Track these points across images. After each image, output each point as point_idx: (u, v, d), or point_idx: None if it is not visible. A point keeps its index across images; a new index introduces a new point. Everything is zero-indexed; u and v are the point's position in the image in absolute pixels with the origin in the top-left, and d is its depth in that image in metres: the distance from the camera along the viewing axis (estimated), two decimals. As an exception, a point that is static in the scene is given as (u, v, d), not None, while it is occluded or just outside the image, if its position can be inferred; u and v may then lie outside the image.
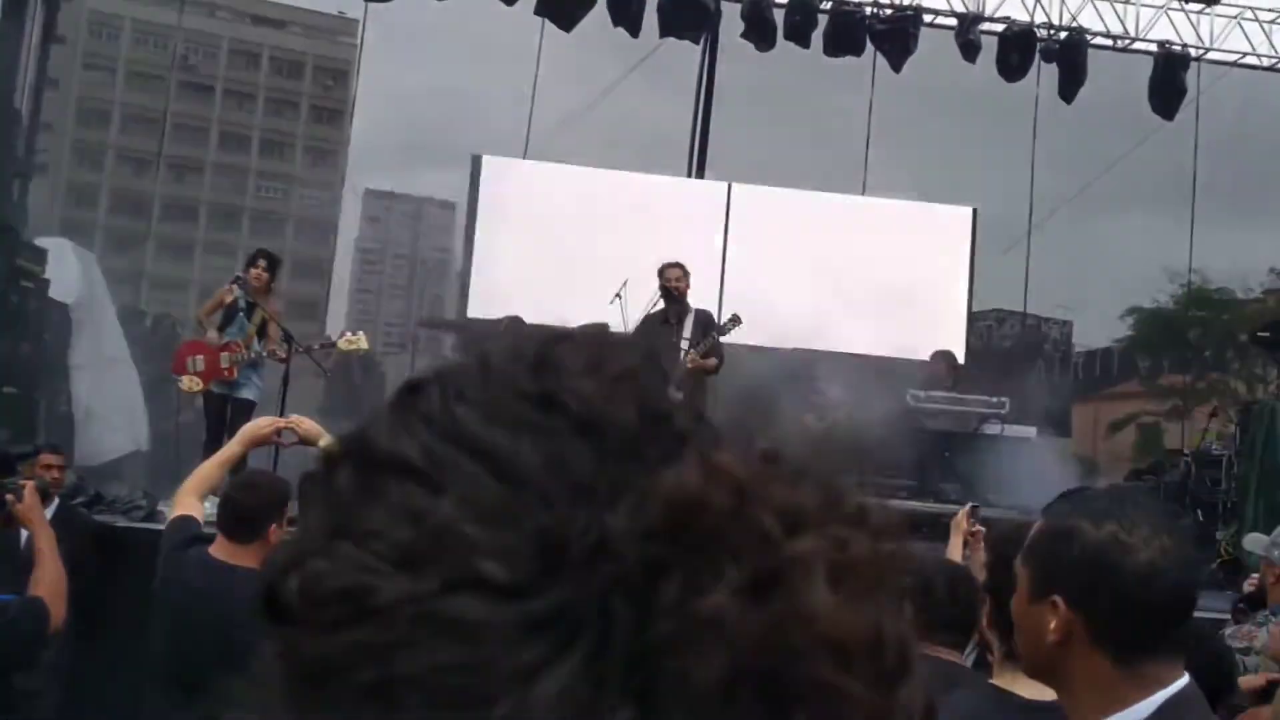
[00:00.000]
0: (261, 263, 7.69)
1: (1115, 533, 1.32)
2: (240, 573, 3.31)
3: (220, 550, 3.38)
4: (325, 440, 3.85)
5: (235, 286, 7.64)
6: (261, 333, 7.52)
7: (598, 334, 0.52)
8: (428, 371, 0.49)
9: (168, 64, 36.77)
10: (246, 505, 3.40)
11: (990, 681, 2.11)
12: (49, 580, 2.96)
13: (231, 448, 3.75)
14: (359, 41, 19.12)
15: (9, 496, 3.08)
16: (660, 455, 0.45)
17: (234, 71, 64.19)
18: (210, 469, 3.64)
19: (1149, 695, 1.29)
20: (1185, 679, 1.32)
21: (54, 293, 7.17)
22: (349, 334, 7.90)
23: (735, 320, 7.40)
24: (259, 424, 3.90)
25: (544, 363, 0.47)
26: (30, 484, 3.19)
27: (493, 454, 0.43)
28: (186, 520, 3.11)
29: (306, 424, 3.95)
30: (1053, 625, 1.33)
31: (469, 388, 0.47)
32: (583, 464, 0.43)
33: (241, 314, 7.55)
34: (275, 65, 67.15)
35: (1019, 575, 1.44)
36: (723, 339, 7.53)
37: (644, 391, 0.47)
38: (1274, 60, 14.17)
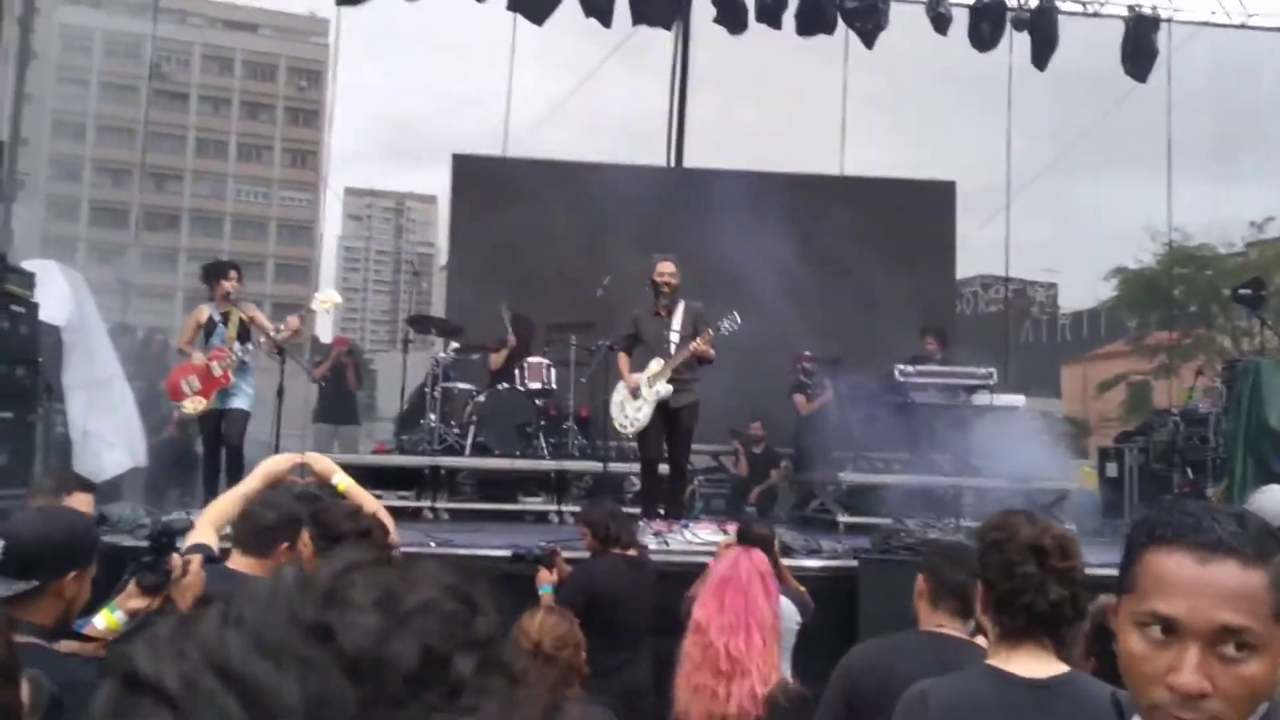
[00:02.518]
0: (234, 274, 7.77)
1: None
2: (245, 579, 3.43)
3: (236, 563, 3.50)
4: (338, 476, 3.93)
5: (205, 306, 7.73)
6: (243, 336, 7.58)
7: (405, 563, 0.49)
8: (221, 591, 0.48)
9: (141, 73, 36.49)
10: (265, 521, 3.51)
11: (986, 662, 2.18)
12: None
13: (250, 482, 3.84)
14: (331, 42, 19.06)
15: (174, 571, 2.88)
16: (434, 703, 0.43)
17: (208, 77, 63.79)
18: (228, 504, 3.72)
19: None
20: None
21: (44, 315, 7.18)
22: (318, 295, 7.95)
23: (734, 321, 7.46)
24: (277, 460, 4.00)
25: (332, 593, 0.45)
26: (198, 558, 2.98)
27: (251, 688, 0.42)
28: (201, 546, 3.19)
29: (321, 462, 4.06)
30: None
31: (249, 611, 0.45)
32: (345, 707, 0.42)
33: (219, 325, 7.61)
34: (249, 69, 66.77)
35: (1270, 642, 1.21)
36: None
37: (433, 630, 0.45)
38: (1243, 18, 14.27)
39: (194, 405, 7.47)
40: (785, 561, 5.52)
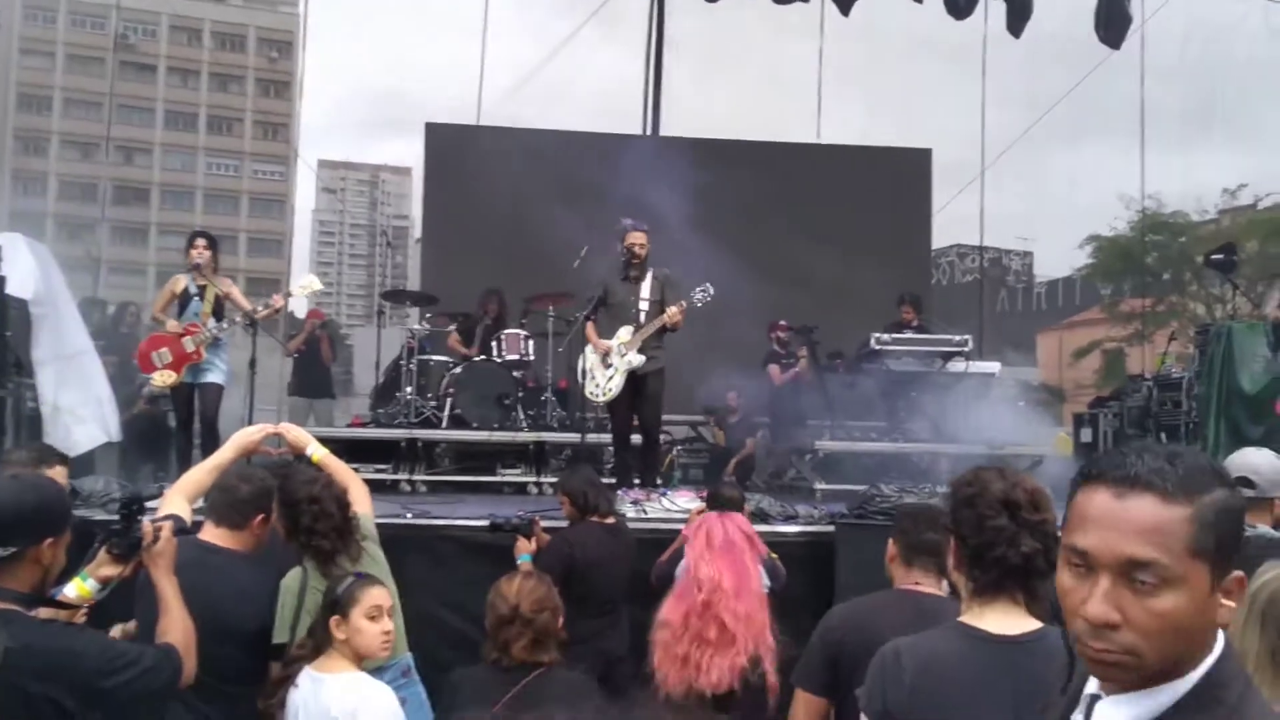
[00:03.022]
0: (201, 242, 7.64)
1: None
2: (229, 554, 3.46)
3: (209, 535, 3.49)
4: (312, 447, 3.91)
5: (182, 275, 7.63)
6: (218, 312, 7.50)
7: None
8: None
9: (107, 45, 36.01)
10: (240, 494, 3.51)
11: (959, 620, 2.19)
12: (179, 629, 2.84)
13: (223, 453, 3.84)
14: (302, 11, 18.80)
15: (145, 538, 2.86)
16: None
17: (175, 48, 62.88)
18: (201, 475, 3.71)
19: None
20: (1223, 637, 1.29)
21: (11, 289, 7.08)
22: (300, 279, 7.89)
23: (706, 291, 7.46)
24: (249, 432, 3.99)
25: None
26: (169, 524, 2.95)
27: None
28: (173, 517, 3.16)
29: (295, 432, 4.04)
30: (1234, 602, 1.25)
31: None
32: None
33: (195, 298, 7.52)
34: (217, 39, 65.84)
35: (1185, 577, 1.22)
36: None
37: None
38: (1217, -17, 14.31)
39: (163, 379, 7.39)
40: (762, 528, 5.53)
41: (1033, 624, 2.12)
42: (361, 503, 3.74)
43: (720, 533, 3.21)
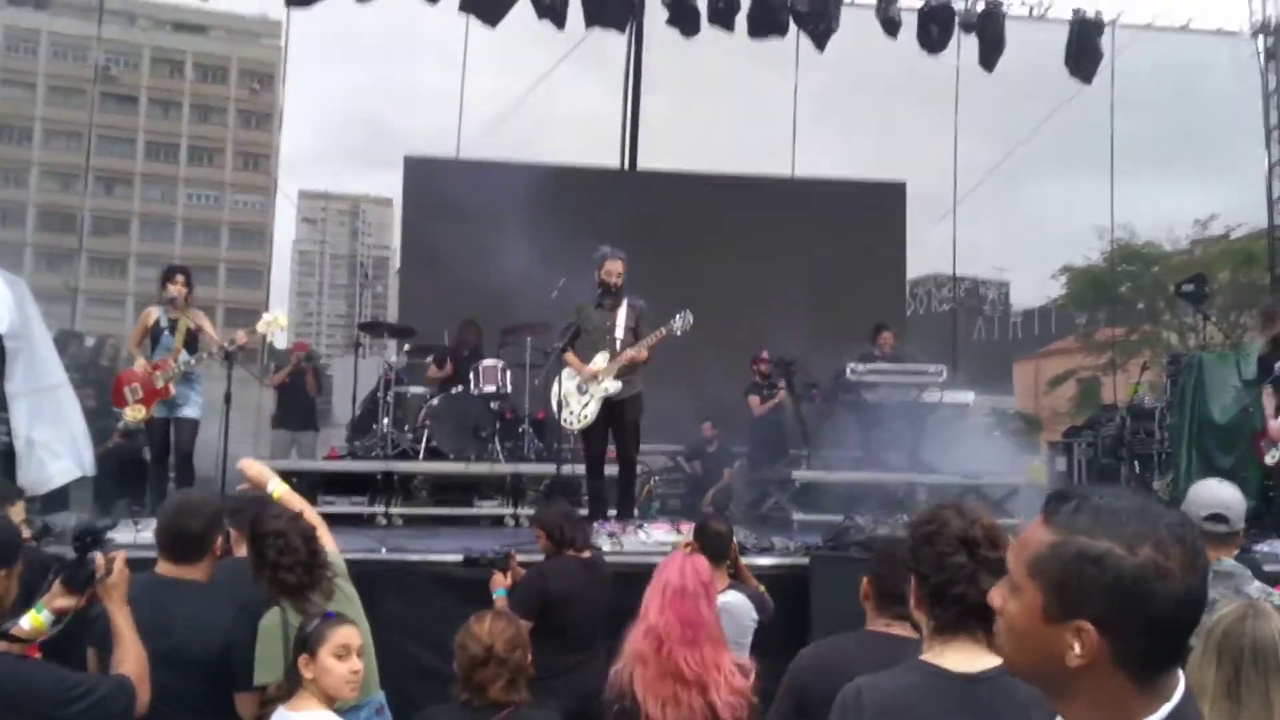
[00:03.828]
0: (180, 278, 7.67)
1: (1153, 560, 1.25)
2: (181, 584, 3.47)
3: (162, 567, 3.51)
4: (273, 484, 3.92)
5: (155, 308, 7.64)
6: (191, 346, 7.50)
7: None
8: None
9: (89, 76, 36.01)
10: (192, 530, 3.52)
11: (920, 658, 2.21)
12: (133, 659, 2.87)
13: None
14: (283, 44, 18.88)
15: (98, 570, 2.90)
16: None
17: (157, 80, 62.85)
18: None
19: (1157, 709, 1.28)
20: (1183, 685, 1.31)
21: (-15, 323, 7.07)
22: (265, 315, 7.85)
23: (686, 320, 7.49)
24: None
25: None
26: (121, 555, 2.98)
27: None
28: (122, 549, 3.19)
29: (254, 468, 4.04)
30: (1078, 649, 1.27)
31: None
32: None
33: (165, 332, 7.54)
34: (199, 71, 65.87)
35: (1022, 590, 1.34)
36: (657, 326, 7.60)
37: None
38: (1184, 21, 14.56)
39: (134, 414, 7.40)
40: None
41: (993, 660, 2.13)
42: (325, 541, 3.75)
43: (676, 579, 3.21)
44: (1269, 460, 8.10)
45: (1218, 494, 3.99)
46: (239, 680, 3.36)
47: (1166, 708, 1.28)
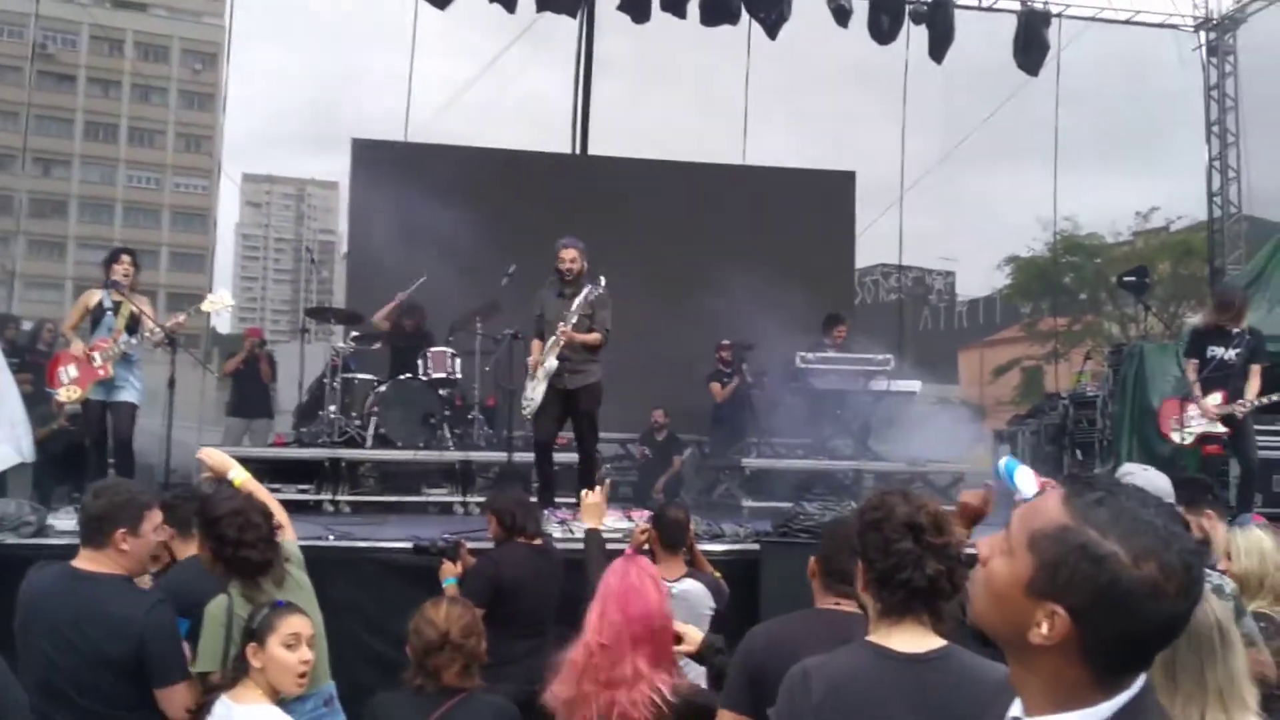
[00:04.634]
0: (126, 259, 7.50)
1: (1153, 579, 1.24)
2: (100, 579, 3.36)
3: (79, 559, 3.43)
4: (234, 471, 3.87)
5: (97, 290, 7.48)
6: (132, 328, 7.34)
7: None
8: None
9: (25, 54, 35.14)
10: (91, 510, 3.43)
11: (867, 639, 2.24)
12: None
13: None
14: (227, 23, 18.54)
15: None
16: None
17: (96, 58, 61.43)
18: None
19: (1111, 697, 1.28)
20: (1143, 678, 1.31)
21: (-81, 306, 6.89)
22: (210, 295, 7.73)
23: (596, 285, 7.44)
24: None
25: None
26: None
27: None
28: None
29: (215, 456, 3.99)
30: (1045, 630, 1.28)
31: None
32: None
33: (109, 313, 7.38)
34: (140, 50, 64.44)
35: (1014, 555, 1.33)
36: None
37: None
38: (1130, 14, 14.77)
39: (68, 394, 7.22)
40: (688, 547, 5.57)
41: (938, 642, 2.19)
42: (286, 530, 3.71)
43: (622, 582, 3.18)
44: (1176, 439, 8.26)
45: (1154, 481, 4.07)
46: (155, 677, 3.27)
47: (1123, 697, 1.29)
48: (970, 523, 2.93)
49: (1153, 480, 4.04)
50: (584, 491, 4.94)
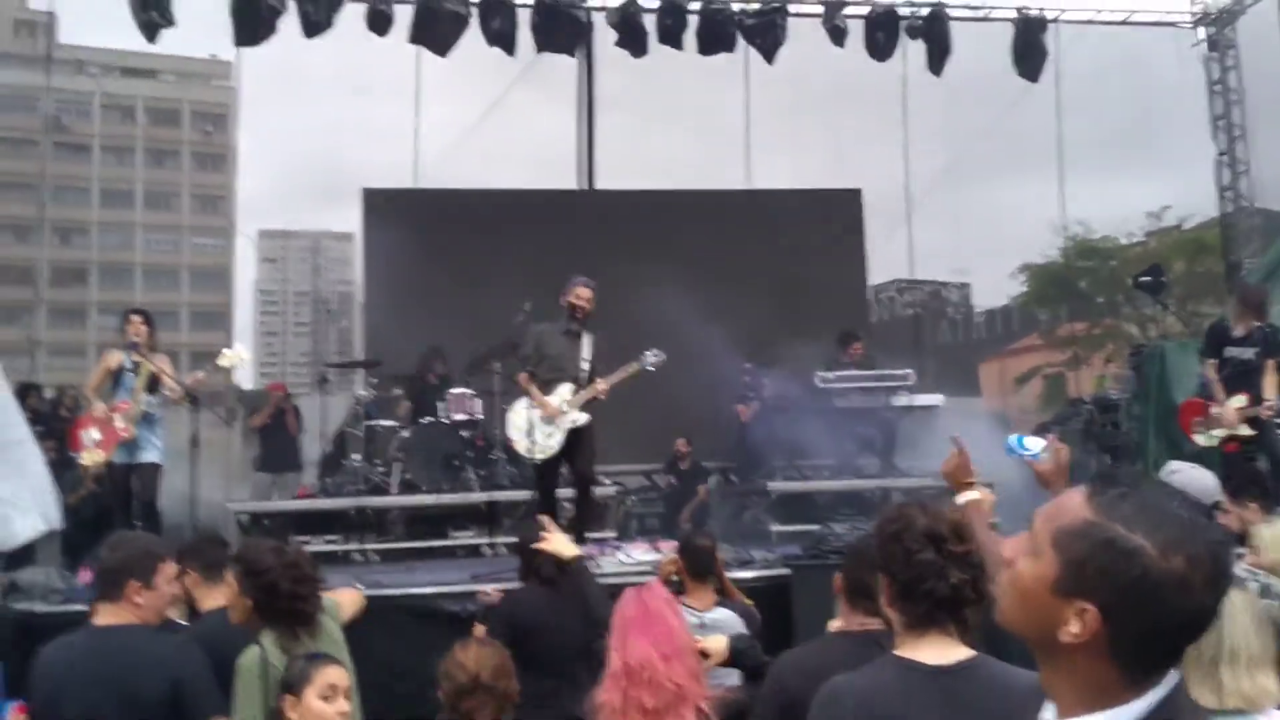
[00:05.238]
0: (136, 319, 7.55)
1: (1183, 572, 1.23)
2: (112, 630, 3.36)
3: (98, 616, 3.42)
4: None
5: (118, 351, 7.54)
6: (152, 388, 7.39)
7: None
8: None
9: (39, 127, 35.67)
10: (107, 564, 3.43)
11: (894, 653, 2.22)
12: None
13: None
14: (235, 84, 18.81)
15: None
16: None
17: (109, 126, 62.26)
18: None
19: (1143, 695, 1.27)
20: (1175, 675, 1.30)
21: (-56, 380, 6.96)
22: (226, 351, 7.76)
23: (658, 356, 7.48)
24: None
25: None
26: None
27: None
28: None
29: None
30: (1075, 629, 1.27)
31: None
32: None
33: (129, 373, 7.44)
34: (151, 115, 65.33)
35: (1040, 555, 1.32)
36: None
37: None
38: (1126, 14, 14.77)
39: (91, 457, 7.27)
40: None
41: (966, 652, 2.17)
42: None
43: (639, 609, 3.17)
44: (1202, 442, 8.15)
45: (1202, 479, 4.03)
46: (195, 716, 3.27)
47: (1155, 694, 1.28)
48: (965, 480, 2.88)
49: (1198, 477, 4.01)
50: (544, 530, 4.78)
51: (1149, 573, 1.24)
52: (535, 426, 7.35)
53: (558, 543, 4.62)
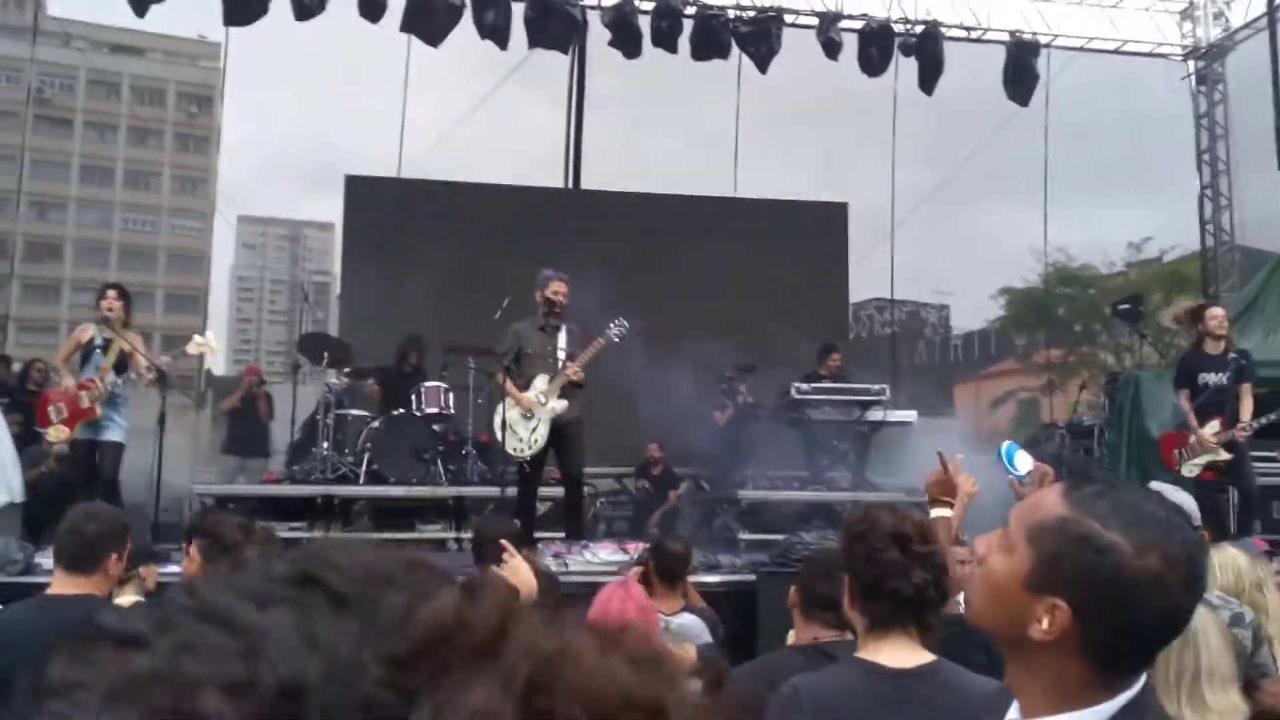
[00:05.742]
0: (111, 293, 7.44)
1: (1158, 571, 1.21)
2: (78, 601, 3.23)
3: (58, 585, 3.31)
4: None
5: (91, 325, 7.43)
6: (121, 367, 7.28)
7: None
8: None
9: (22, 98, 35.37)
10: (88, 535, 3.33)
11: (856, 655, 2.21)
12: None
13: None
14: (222, 66, 18.67)
15: None
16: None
17: (93, 102, 61.91)
18: None
19: (1113, 697, 1.25)
20: (1144, 678, 1.29)
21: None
22: (197, 337, 7.65)
23: (621, 326, 7.47)
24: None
25: (312, 556, 0.50)
26: None
27: (231, 621, 0.44)
28: None
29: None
30: (1046, 625, 1.25)
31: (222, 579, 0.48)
32: (340, 639, 0.45)
33: (98, 350, 7.32)
34: (136, 94, 64.95)
35: (1014, 550, 1.31)
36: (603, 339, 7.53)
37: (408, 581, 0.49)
38: (1118, 43, 14.87)
39: (56, 434, 7.18)
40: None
41: (927, 656, 2.16)
42: None
43: (616, 608, 3.13)
44: (1185, 472, 8.20)
45: (1184, 503, 4.02)
46: None
47: (1124, 696, 1.26)
48: (943, 496, 2.87)
49: (1180, 500, 4.00)
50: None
51: (1123, 570, 1.23)
52: (517, 424, 7.36)
53: (515, 570, 4.55)
